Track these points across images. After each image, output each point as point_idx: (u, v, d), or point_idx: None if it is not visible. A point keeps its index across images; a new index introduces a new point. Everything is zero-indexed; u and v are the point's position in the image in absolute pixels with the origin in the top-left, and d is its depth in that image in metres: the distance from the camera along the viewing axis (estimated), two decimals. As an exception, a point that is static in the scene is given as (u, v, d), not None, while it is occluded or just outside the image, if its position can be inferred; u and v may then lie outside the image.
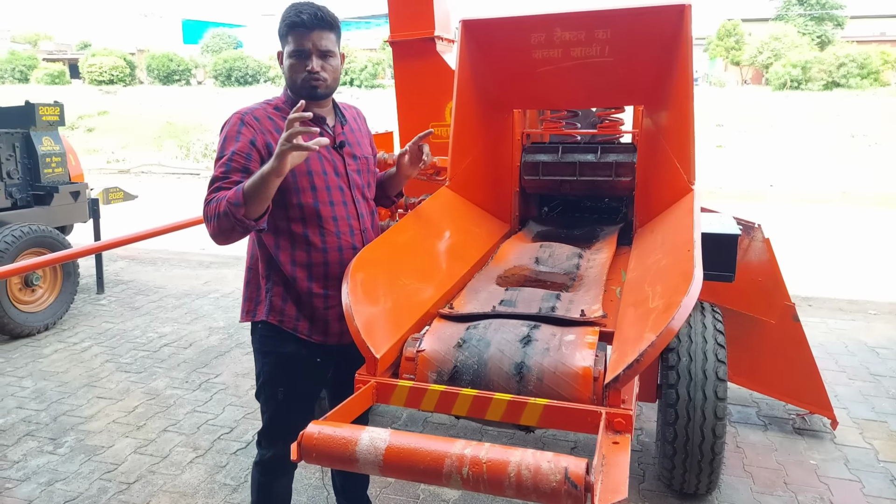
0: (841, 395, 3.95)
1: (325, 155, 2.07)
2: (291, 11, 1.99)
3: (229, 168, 1.93)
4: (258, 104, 2.09)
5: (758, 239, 3.34)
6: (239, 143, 1.95)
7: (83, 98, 25.83)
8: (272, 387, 2.16)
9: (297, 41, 1.99)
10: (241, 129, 1.97)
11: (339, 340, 2.12)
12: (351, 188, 2.14)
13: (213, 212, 1.87)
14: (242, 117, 2.00)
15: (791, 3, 34.93)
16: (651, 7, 2.65)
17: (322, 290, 2.08)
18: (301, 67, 2.00)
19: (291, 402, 2.17)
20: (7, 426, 3.70)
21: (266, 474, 2.24)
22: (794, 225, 9.86)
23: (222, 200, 1.85)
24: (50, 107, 5.78)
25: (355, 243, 2.12)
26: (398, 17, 4.31)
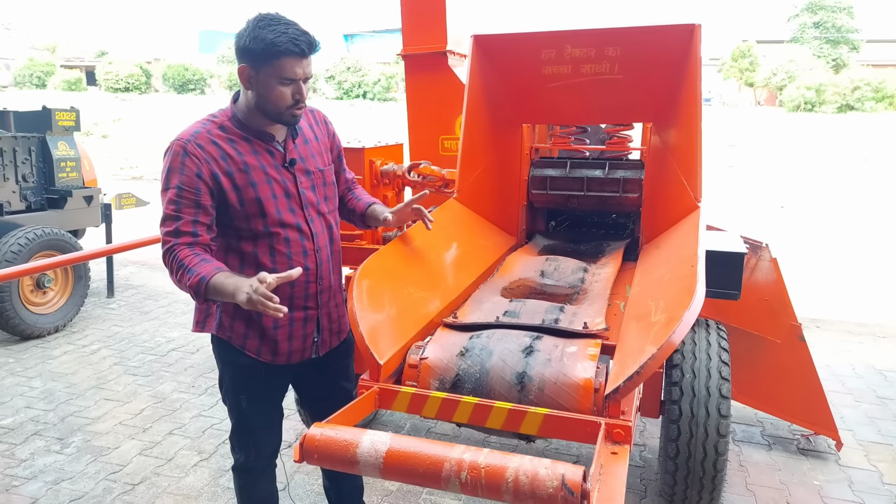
0: (847, 417, 3.93)
1: (274, 176, 1.97)
2: (282, 36, 1.82)
3: (180, 206, 1.85)
4: (201, 124, 1.95)
5: (765, 258, 3.35)
6: (184, 176, 1.85)
7: (99, 105, 26.17)
8: (234, 394, 2.15)
9: (290, 69, 1.85)
10: (185, 160, 1.86)
11: (289, 360, 2.09)
12: (303, 207, 2.04)
13: (174, 270, 1.85)
14: (185, 146, 1.87)
15: (806, 27, 35.02)
16: (661, 26, 2.69)
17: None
18: (289, 96, 1.89)
19: (254, 409, 2.16)
20: (16, 425, 3.74)
21: (243, 478, 2.26)
22: (804, 246, 9.82)
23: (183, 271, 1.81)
24: (66, 112, 5.88)
25: (307, 264, 2.03)
26: (411, 31, 4.38)
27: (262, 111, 1.92)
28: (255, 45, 1.82)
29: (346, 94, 30.53)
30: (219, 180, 1.87)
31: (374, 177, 3.57)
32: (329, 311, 2.14)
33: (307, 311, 2.08)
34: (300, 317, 2.06)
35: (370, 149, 3.59)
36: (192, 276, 1.79)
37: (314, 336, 2.12)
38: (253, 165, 1.93)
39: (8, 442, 3.54)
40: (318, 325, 2.13)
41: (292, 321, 2.05)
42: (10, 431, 3.66)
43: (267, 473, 2.30)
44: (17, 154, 5.40)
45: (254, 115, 1.94)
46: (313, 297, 2.08)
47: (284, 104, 1.89)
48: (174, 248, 1.85)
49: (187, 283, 1.80)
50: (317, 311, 2.10)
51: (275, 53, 1.82)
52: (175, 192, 1.85)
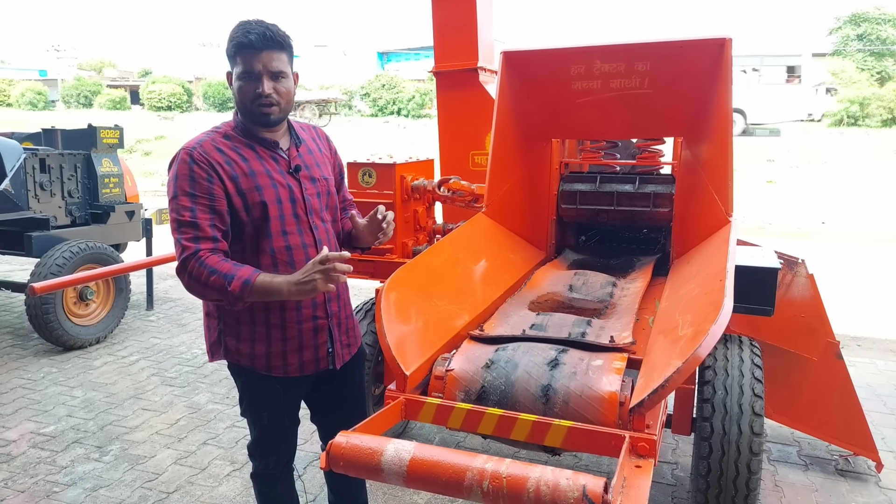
0: (888, 437, 3.81)
1: (279, 181, 1.97)
2: (239, 31, 1.88)
3: (195, 212, 1.85)
4: (205, 134, 1.97)
5: (801, 274, 3.29)
6: (196, 183, 1.86)
7: (142, 123, 26.95)
8: (255, 412, 2.17)
9: (247, 62, 1.88)
10: (193, 167, 1.86)
11: (302, 371, 2.08)
12: (308, 214, 2.03)
13: (203, 279, 1.81)
14: (191, 154, 1.88)
15: (849, 39, 34.30)
16: (691, 40, 2.69)
17: (279, 321, 2.01)
18: (251, 90, 1.90)
19: (274, 424, 2.18)
20: (57, 433, 3.85)
21: (264, 483, 2.30)
22: (846, 263, 9.57)
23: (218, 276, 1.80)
24: (110, 130, 6.08)
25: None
26: (443, 48, 4.44)
27: (241, 112, 1.97)
28: (227, 46, 1.92)
29: (380, 111, 30.90)
30: (224, 186, 1.88)
31: (404, 192, 3.62)
32: (340, 320, 2.14)
33: (317, 320, 2.06)
34: (310, 327, 2.05)
35: (401, 164, 3.64)
36: (233, 279, 1.79)
37: (328, 346, 2.11)
38: (258, 171, 1.94)
39: (50, 449, 3.66)
40: (331, 336, 2.11)
41: (301, 332, 2.04)
42: (51, 439, 3.78)
43: (285, 477, 2.34)
44: (63, 171, 5.61)
45: (247, 121, 1.98)
46: (322, 306, 2.07)
47: (248, 99, 1.91)
48: (199, 254, 1.82)
49: (227, 288, 1.78)
50: (327, 320, 2.09)
51: (232, 50, 1.89)
52: (189, 199, 1.85)
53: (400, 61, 41.76)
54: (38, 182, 5.40)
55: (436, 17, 4.45)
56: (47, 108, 34.04)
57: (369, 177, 3.60)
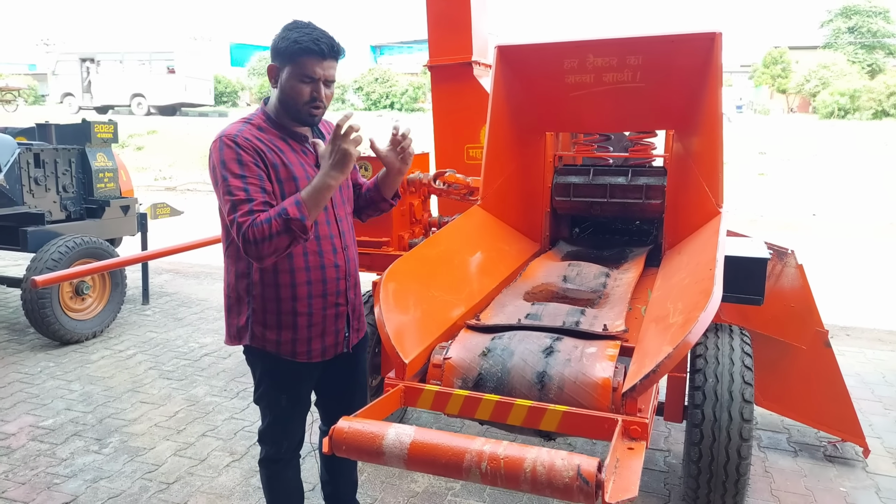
0: (876, 424, 3.89)
1: (311, 174, 2.05)
2: (306, 36, 1.94)
3: (249, 190, 1.90)
4: (239, 125, 2.03)
5: (791, 265, 3.35)
6: (245, 165, 1.92)
7: (134, 118, 26.83)
8: (274, 396, 2.23)
9: (310, 67, 1.95)
10: (240, 151, 1.93)
11: (323, 356, 2.18)
12: (333, 206, 2.13)
13: (267, 232, 1.84)
14: (235, 139, 1.95)
15: (840, 32, 34.45)
16: (682, 34, 2.73)
17: (306, 309, 2.10)
18: (307, 92, 1.98)
19: (291, 407, 2.26)
20: (56, 426, 3.88)
21: (271, 468, 2.34)
22: (836, 255, 9.67)
23: (275, 219, 1.84)
24: (104, 125, 6.08)
25: (337, 261, 2.13)
26: (437, 42, 4.47)
27: (285, 108, 2.03)
28: (282, 44, 1.96)
29: (374, 104, 30.85)
30: (267, 170, 1.96)
31: (400, 185, 3.65)
32: (355, 306, 2.25)
33: (338, 307, 2.17)
34: (332, 314, 2.15)
35: (397, 158, 3.67)
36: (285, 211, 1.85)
37: (345, 331, 2.22)
38: (293, 162, 2.03)
39: (49, 442, 3.68)
40: (348, 321, 2.22)
41: (325, 318, 2.14)
42: (51, 432, 3.81)
43: (293, 462, 2.39)
44: (58, 165, 5.61)
45: (282, 115, 2.05)
46: (343, 293, 2.17)
47: (302, 100, 1.99)
48: (254, 219, 1.87)
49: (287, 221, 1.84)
50: (346, 306, 2.20)
51: (297, 52, 1.94)
52: (240, 180, 1.90)
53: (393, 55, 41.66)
54: (33, 177, 5.41)
55: (430, 11, 4.48)
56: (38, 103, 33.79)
57: (365, 170, 3.63)
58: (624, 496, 1.26)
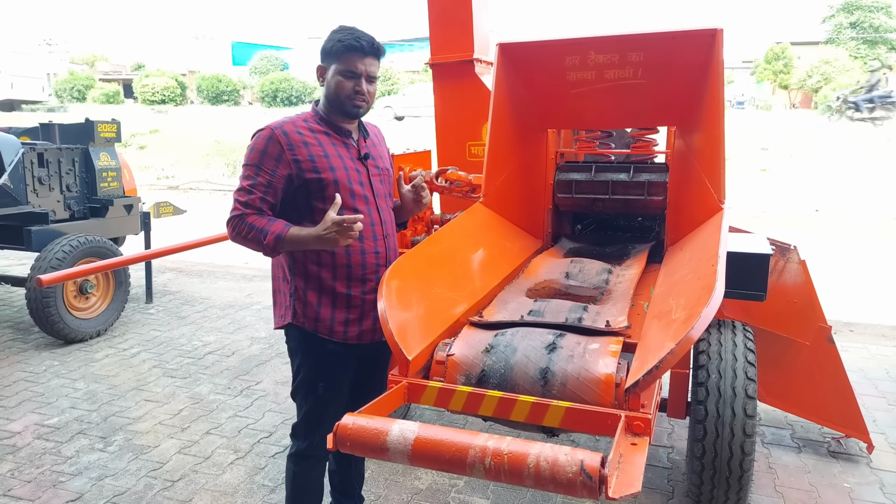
0: (880, 420, 3.89)
1: (350, 166, 2.22)
2: (349, 35, 2.15)
3: (255, 182, 2.12)
4: (287, 119, 2.22)
5: (793, 261, 3.35)
6: (266, 157, 2.12)
7: (136, 117, 26.86)
8: (311, 382, 2.29)
9: (352, 63, 2.14)
10: (269, 144, 2.12)
11: (360, 339, 2.27)
12: (375, 196, 2.29)
13: (243, 233, 2.11)
14: (273, 132, 2.14)
15: (842, 27, 34.33)
16: (683, 31, 2.73)
17: (345, 291, 2.22)
18: (350, 86, 2.16)
19: (329, 395, 2.30)
20: (61, 424, 3.90)
21: (301, 464, 2.38)
22: (839, 250, 9.66)
23: (255, 230, 2.08)
24: (108, 124, 6.10)
25: (377, 248, 2.26)
26: (439, 40, 4.47)
27: (331, 103, 2.21)
28: (328, 45, 2.17)
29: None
30: (300, 164, 2.12)
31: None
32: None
33: (377, 292, 2.20)
34: (371, 299, 2.23)
35: (398, 155, 3.68)
36: (267, 234, 2.07)
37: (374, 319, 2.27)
38: (332, 154, 2.19)
39: (55, 440, 3.70)
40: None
41: (364, 302, 2.24)
42: (56, 430, 3.82)
43: (323, 461, 2.44)
44: (61, 165, 5.63)
45: (329, 111, 2.23)
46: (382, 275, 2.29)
47: (345, 94, 2.16)
48: (244, 216, 2.11)
49: (262, 242, 2.07)
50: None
51: (341, 49, 2.14)
52: (254, 170, 2.11)
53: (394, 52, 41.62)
54: (37, 176, 5.43)
55: (432, 9, 4.48)
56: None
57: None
58: (627, 491, 1.27)
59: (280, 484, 3.24)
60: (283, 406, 4.14)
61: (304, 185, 2.16)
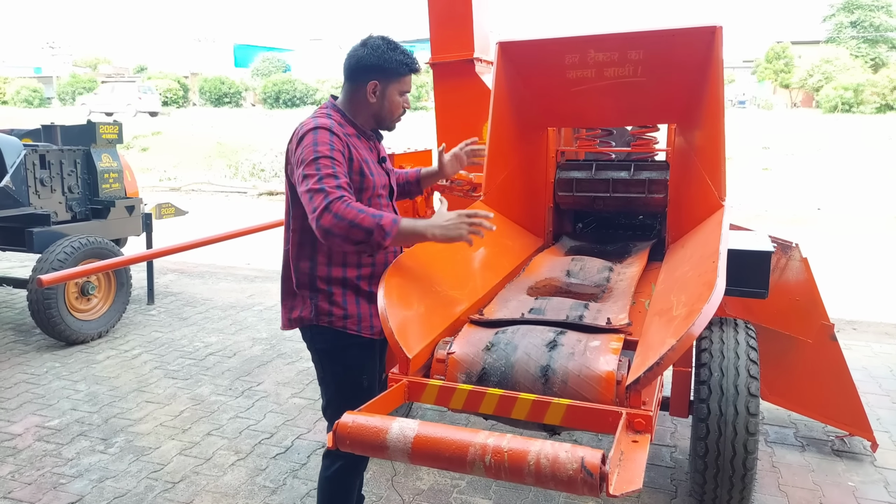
0: (884, 418, 3.87)
1: (376, 171, 2.27)
2: (408, 57, 2.24)
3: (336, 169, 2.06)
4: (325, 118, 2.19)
5: (795, 258, 3.34)
6: (335, 150, 2.09)
7: (138, 119, 26.91)
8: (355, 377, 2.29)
9: (408, 84, 2.28)
10: (332, 138, 2.11)
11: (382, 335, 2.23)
12: (391, 198, 2.38)
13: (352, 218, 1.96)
14: (331, 129, 2.12)
15: (843, 26, 34.31)
16: (683, 29, 2.72)
17: (368, 288, 2.24)
18: (401, 105, 2.30)
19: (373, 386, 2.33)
20: (62, 426, 3.90)
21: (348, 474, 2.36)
22: (842, 248, 9.64)
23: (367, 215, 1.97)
24: (110, 126, 6.10)
25: (397, 248, 2.33)
26: (439, 39, 4.47)
27: (376, 118, 2.29)
28: (387, 64, 2.20)
29: (377, 103, 30.86)
30: (351, 161, 2.15)
31: (403, 182, 3.66)
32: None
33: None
34: None
35: (400, 155, 3.68)
36: (382, 217, 1.99)
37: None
38: (368, 158, 2.24)
39: (55, 442, 3.70)
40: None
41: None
42: (57, 432, 3.82)
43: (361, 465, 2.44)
44: (63, 166, 5.63)
45: (364, 118, 2.28)
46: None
47: (399, 112, 2.31)
48: (344, 198, 2.00)
49: (380, 223, 1.97)
50: None
51: (405, 72, 2.24)
52: (329, 161, 2.06)
53: (395, 54, 41.54)
54: (39, 178, 5.43)
55: (432, 8, 4.48)
56: (43, 105, 33.92)
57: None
58: (628, 488, 1.26)
59: (281, 485, 3.23)
60: (284, 407, 4.13)
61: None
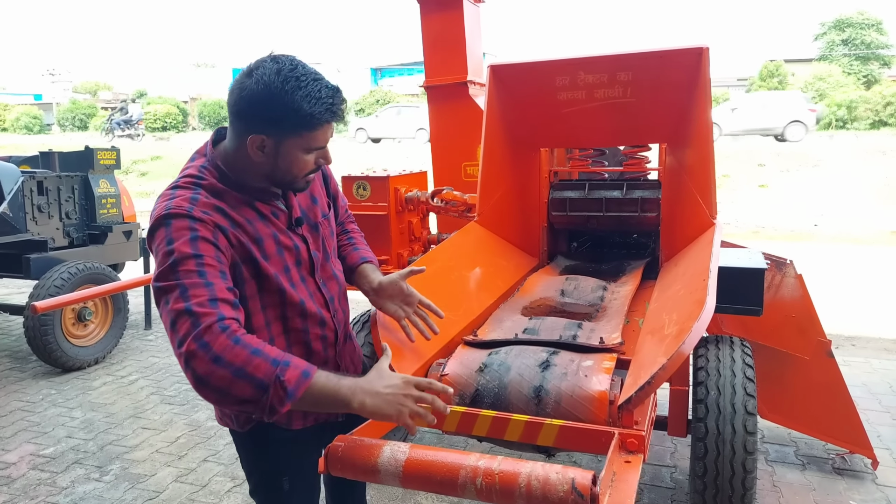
0: (884, 435, 3.85)
1: (285, 244, 1.63)
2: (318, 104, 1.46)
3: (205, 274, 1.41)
4: (190, 192, 1.52)
5: (790, 275, 3.34)
6: (200, 243, 1.44)
7: (138, 144, 27.06)
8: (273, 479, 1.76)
9: (322, 137, 1.53)
10: (195, 225, 1.45)
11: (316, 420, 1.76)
12: (314, 272, 1.71)
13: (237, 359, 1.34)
14: (189, 213, 1.46)
15: (834, 44, 34.69)
16: (670, 50, 2.76)
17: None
18: (312, 163, 1.56)
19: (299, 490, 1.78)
20: (57, 454, 3.87)
21: None
22: (839, 264, 9.64)
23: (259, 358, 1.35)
24: (107, 151, 6.14)
25: (326, 333, 1.73)
26: (433, 63, 4.53)
27: (273, 181, 1.58)
28: (281, 115, 1.46)
29: (374, 126, 31.09)
30: (231, 251, 1.51)
31: (399, 203, 3.68)
32: (346, 366, 1.84)
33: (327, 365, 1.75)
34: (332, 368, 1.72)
35: (395, 177, 3.70)
36: (287, 367, 1.36)
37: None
38: (264, 235, 1.58)
39: (50, 471, 3.67)
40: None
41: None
42: (51, 460, 3.79)
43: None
44: (61, 192, 5.65)
45: (255, 177, 1.57)
46: (333, 360, 1.78)
47: (304, 172, 1.57)
48: (225, 323, 1.36)
49: (281, 377, 1.34)
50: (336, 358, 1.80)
51: (311, 125, 1.48)
52: (194, 262, 1.41)
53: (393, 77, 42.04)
54: (36, 204, 5.45)
55: (425, 33, 4.54)
56: (43, 132, 34.12)
57: (364, 190, 3.66)
58: (620, 509, 1.25)
59: (278, 510, 3.20)
60: (281, 431, 4.11)
61: (235, 281, 1.53)
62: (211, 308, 1.36)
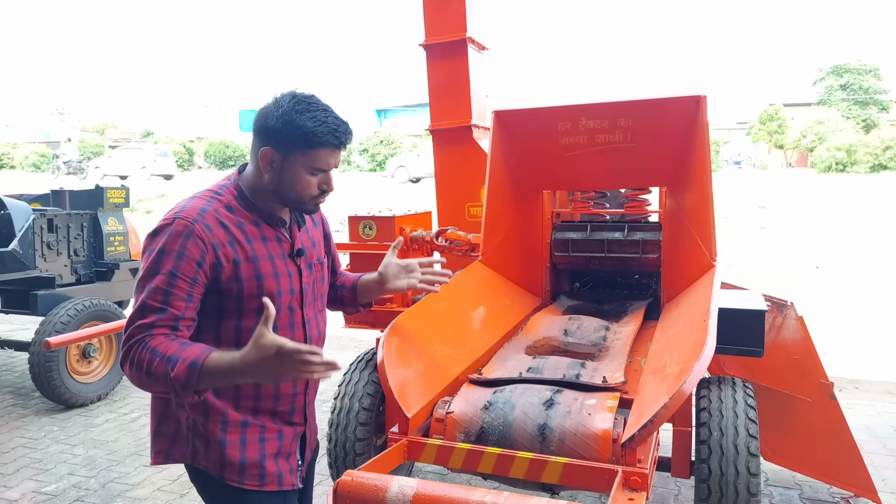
0: (889, 479, 3.82)
1: (281, 269, 1.70)
2: (322, 126, 1.61)
3: (169, 297, 1.52)
4: (205, 201, 1.66)
5: (791, 317, 3.37)
6: (183, 261, 1.54)
7: (144, 182, 27.36)
8: None
9: (324, 160, 1.65)
10: (187, 243, 1.55)
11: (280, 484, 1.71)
12: (303, 307, 1.76)
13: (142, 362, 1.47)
14: (191, 226, 1.57)
15: (833, 89, 35.27)
16: (669, 98, 2.86)
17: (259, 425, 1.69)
18: (315, 186, 1.68)
19: None
20: (59, 491, 3.85)
21: None
22: (842, 306, 9.65)
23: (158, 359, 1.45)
24: (117, 190, 6.25)
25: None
26: (438, 107, 4.65)
27: (280, 198, 1.69)
28: (288, 130, 1.61)
29: (378, 166, 31.47)
30: (220, 269, 1.60)
31: (404, 243, 3.74)
32: (310, 424, 1.84)
33: (294, 427, 1.77)
34: (290, 433, 1.75)
35: (400, 217, 3.78)
36: (176, 363, 1.45)
37: (298, 459, 1.79)
38: (261, 255, 1.67)
39: (52, 507, 3.66)
40: (302, 446, 1.81)
41: (281, 435, 1.73)
42: (53, 498, 3.78)
43: None
44: (70, 230, 5.74)
45: (266, 196, 1.70)
46: (301, 410, 1.77)
47: (309, 194, 1.68)
48: (144, 339, 1.50)
49: (170, 374, 1.44)
50: (304, 426, 1.80)
51: (311, 143, 1.62)
52: (166, 280, 1.53)
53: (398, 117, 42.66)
54: (46, 242, 5.53)
55: (431, 79, 4.67)
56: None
57: (370, 229, 3.73)
58: (623, 546, 1.28)
59: (280, 550, 3.18)
60: (283, 469, 4.09)
61: (220, 295, 1.62)
62: (142, 331, 1.51)
